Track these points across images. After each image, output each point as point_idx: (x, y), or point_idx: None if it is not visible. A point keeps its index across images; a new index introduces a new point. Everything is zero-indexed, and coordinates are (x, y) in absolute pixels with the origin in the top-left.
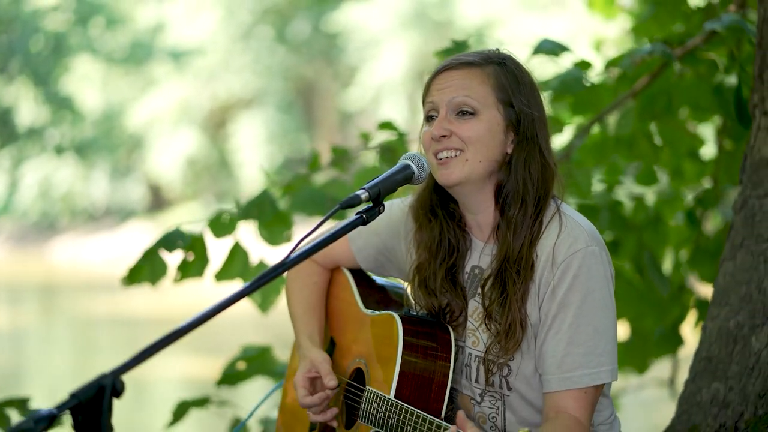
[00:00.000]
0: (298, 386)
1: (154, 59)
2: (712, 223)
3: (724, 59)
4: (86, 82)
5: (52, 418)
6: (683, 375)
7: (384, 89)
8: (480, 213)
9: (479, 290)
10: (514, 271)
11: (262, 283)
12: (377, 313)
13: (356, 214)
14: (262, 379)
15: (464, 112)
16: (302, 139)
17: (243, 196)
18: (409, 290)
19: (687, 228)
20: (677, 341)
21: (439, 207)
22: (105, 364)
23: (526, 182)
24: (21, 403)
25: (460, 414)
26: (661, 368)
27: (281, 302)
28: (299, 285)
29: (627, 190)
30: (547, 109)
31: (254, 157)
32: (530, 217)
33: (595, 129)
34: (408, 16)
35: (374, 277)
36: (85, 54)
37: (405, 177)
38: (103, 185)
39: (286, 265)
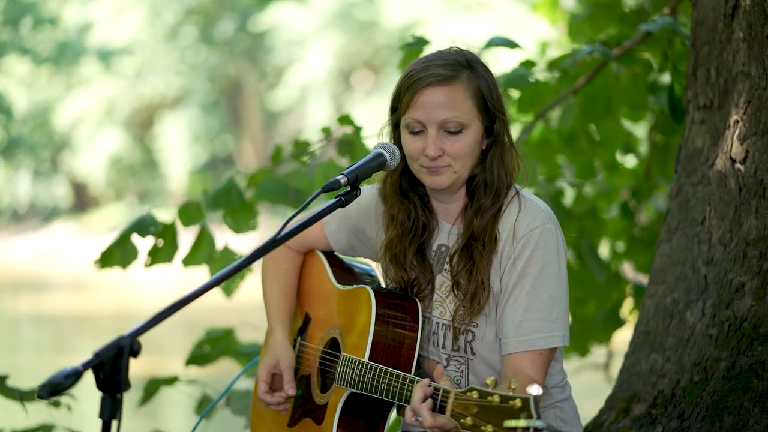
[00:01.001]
0: (260, 380)
1: (80, 59)
2: (645, 215)
3: (658, 59)
4: (14, 81)
5: (78, 375)
6: (617, 363)
7: (309, 89)
8: (451, 203)
9: (446, 266)
10: (479, 244)
11: (256, 257)
12: (351, 287)
13: (336, 197)
14: (229, 360)
15: (452, 131)
16: (227, 138)
17: (169, 197)
18: (379, 267)
19: (622, 220)
20: (617, 323)
21: (410, 190)
22: (29, 362)
23: (500, 174)
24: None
25: (439, 368)
26: (597, 355)
27: (244, 288)
28: (273, 271)
29: (567, 183)
30: None
31: (179, 157)
32: (495, 202)
33: (539, 126)
34: (333, 16)
35: (344, 258)
36: (13, 54)
37: (379, 164)
38: (27, 185)
39: (275, 243)
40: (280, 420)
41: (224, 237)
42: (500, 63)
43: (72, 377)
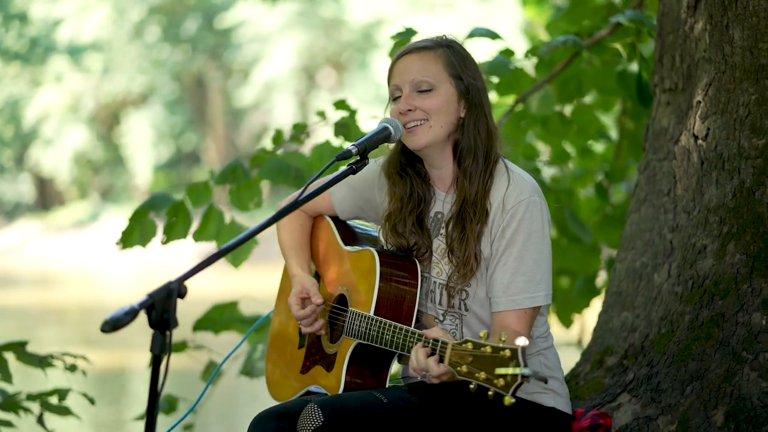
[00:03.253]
0: (292, 304)
1: (47, 56)
2: (616, 197)
3: (626, 49)
4: None
5: (135, 313)
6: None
7: (273, 86)
8: (442, 168)
9: (442, 231)
10: (471, 213)
11: (283, 214)
12: (357, 248)
13: (347, 166)
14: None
15: (423, 90)
16: (191, 136)
17: (133, 194)
18: (381, 233)
19: (596, 199)
20: (593, 293)
21: (408, 166)
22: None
23: (476, 139)
24: (18, 346)
25: (435, 325)
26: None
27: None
28: (289, 228)
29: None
30: None
31: (143, 153)
32: (482, 168)
33: (517, 109)
34: (297, 13)
35: (349, 222)
36: None
37: (384, 137)
38: None
39: (299, 203)
40: (293, 367)
41: (230, 215)
42: (481, 53)
43: (130, 315)
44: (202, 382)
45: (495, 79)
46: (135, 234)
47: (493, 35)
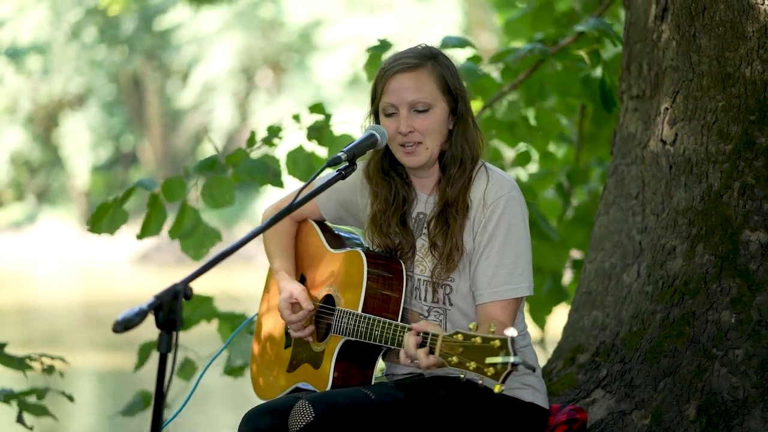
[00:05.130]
0: (282, 309)
1: None
2: (580, 198)
3: (589, 56)
4: None
5: (144, 314)
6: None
7: (212, 87)
8: (427, 177)
9: (424, 230)
10: (453, 211)
11: (278, 219)
12: (344, 250)
13: (336, 171)
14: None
15: (420, 109)
16: (129, 137)
17: (70, 195)
18: (365, 234)
19: (557, 201)
20: (561, 295)
21: (391, 169)
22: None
23: (464, 148)
24: None
25: (422, 322)
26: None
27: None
28: (275, 233)
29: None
30: None
31: (81, 155)
32: (466, 174)
33: (484, 115)
34: (236, 15)
35: (332, 226)
36: None
37: (371, 143)
38: None
39: (294, 207)
40: (280, 366)
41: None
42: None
43: (139, 315)
44: (178, 379)
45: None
46: (105, 219)
47: (464, 43)
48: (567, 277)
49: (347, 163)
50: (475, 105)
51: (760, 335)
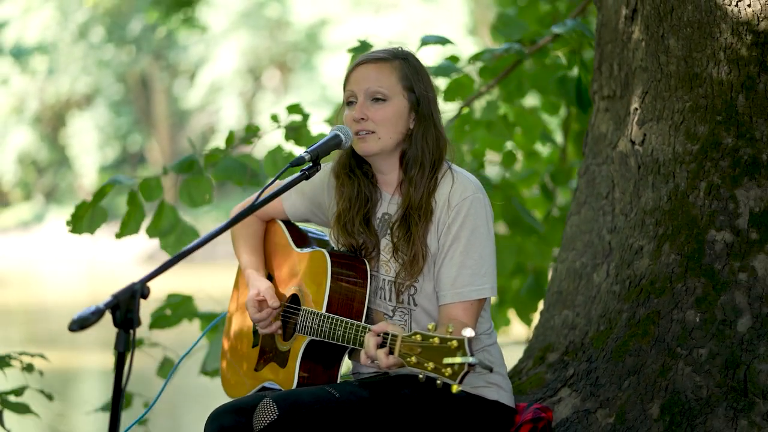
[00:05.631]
0: (249, 306)
1: None
2: (566, 198)
3: (567, 56)
4: None
5: (101, 313)
6: None
7: (219, 87)
8: (388, 173)
9: (389, 231)
10: (416, 216)
11: (238, 219)
12: (309, 250)
13: (300, 172)
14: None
15: (377, 99)
16: (137, 137)
17: (79, 196)
18: (331, 233)
19: (542, 199)
20: (542, 294)
21: (357, 168)
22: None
23: (424, 150)
24: None
25: (382, 323)
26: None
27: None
28: (243, 232)
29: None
30: None
31: (89, 154)
32: (427, 176)
33: (463, 115)
34: (242, 15)
35: (300, 225)
36: None
37: (335, 143)
38: None
39: (255, 207)
40: (248, 365)
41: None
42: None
43: (96, 314)
44: (158, 378)
45: (442, 86)
46: (85, 219)
47: (444, 41)
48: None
49: (311, 164)
50: (454, 105)
51: (724, 334)
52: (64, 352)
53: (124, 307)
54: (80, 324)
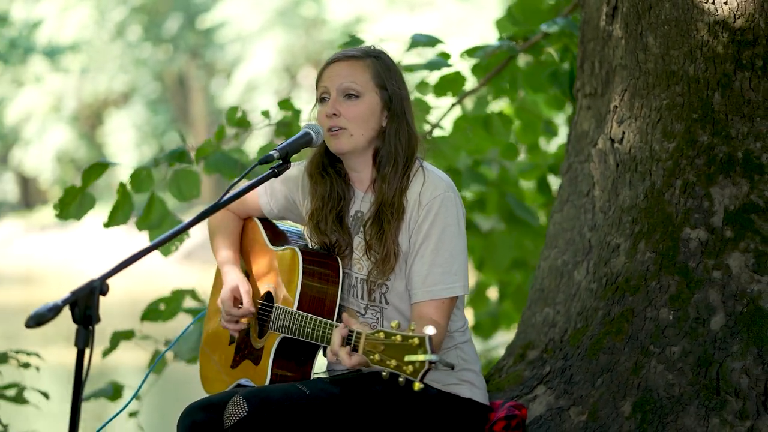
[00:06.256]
0: (225, 300)
1: (29, 56)
2: None
3: (559, 51)
4: None
5: (58, 309)
6: None
7: (255, 85)
8: (361, 171)
9: (362, 229)
10: (388, 213)
11: (202, 218)
12: (282, 248)
13: (269, 169)
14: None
15: (350, 95)
16: (174, 135)
17: (115, 192)
18: (305, 231)
19: (540, 193)
20: None
21: (329, 166)
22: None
23: (397, 147)
24: None
25: (345, 315)
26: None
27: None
28: (220, 228)
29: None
30: (415, 94)
31: (126, 152)
32: (399, 173)
33: (457, 111)
34: (278, 13)
35: (277, 223)
36: None
37: (306, 141)
38: None
39: (220, 205)
40: (224, 362)
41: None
42: (421, 56)
43: (53, 311)
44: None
45: (432, 81)
46: (73, 205)
47: (434, 41)
48: None
49: (280, 161)
50: (446, 101)
51: (697, 332)
52: (99, 349)
53: (82, 304)
54: (36, 320)
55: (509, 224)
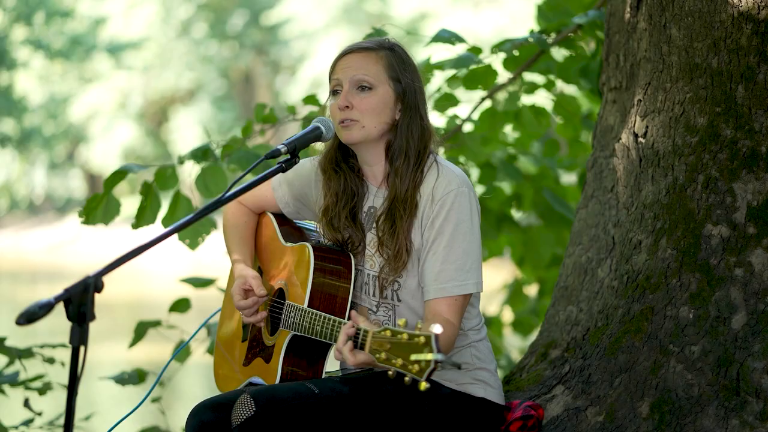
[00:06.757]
0: (235, 294)
1: (94, 53)
2: None
3: (593, 43)
4: (27, 75)
5: (50, 306)
6: None
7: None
8: (374, 165)
9: (374, 225)
10: (401, 208)
11: (207, 211)
12: (294, 244)
13: (277, 164)
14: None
15: (363, 87)
16: (239, 132)
17: (182, 190)
18: (319, 228)
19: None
20: None
21: (343, 161)
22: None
23: (409, 140)
24: None
25: (353, 313)
26: None
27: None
28: (234, 223)
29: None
30: (444, 88)
31: (191, 149)
32: (412, 167)
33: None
34: (343, 10)
35: (294, 219)
36: (27, 48)
37: (315, 136)
38: (42, 177)
39: (222, 201)
40: (238, 360)
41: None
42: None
43: (45, 308)
44: (176, 362)
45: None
46: (98, 210)
47: (456, 39)
48: None
49: (288, 156)
50: (476, 94)
51: (717, 331)
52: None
53: (76, 301)
54: (27, 317)
55: (546, 220)
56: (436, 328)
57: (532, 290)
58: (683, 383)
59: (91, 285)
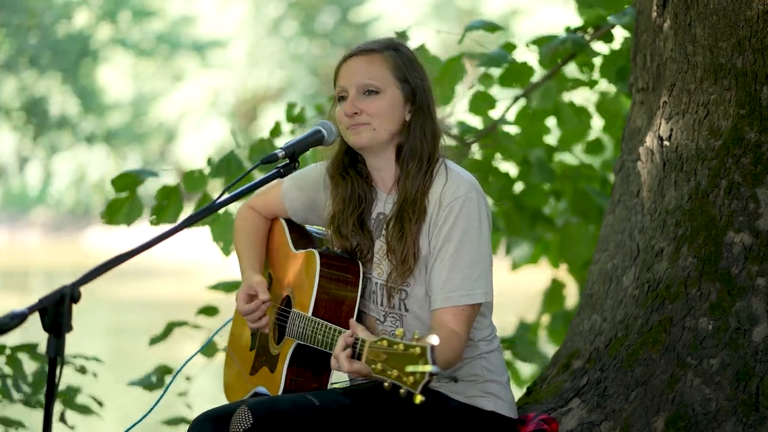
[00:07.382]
0: (239, 299)
1: (182, 51)
2: None
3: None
4: (115, 73)
5: (23, 317)
6: None
7: None
8: (384, 169)
9: (383, 231)
10: (410, 212)
11: (198, 218)
12: (302, 250)
13: (275, 169)
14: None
15: (370, 92)
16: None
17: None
18: (327, 235)
19: None
20: None
21: (350, 167)
22: (134, 345)
23: (422, 142)
24: (31, 348)
25: (352, 321)
26: None
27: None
28: (244, 228)
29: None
30: (478, 87)
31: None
32: (424, 169)
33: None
34: (434, 6)
35: (305, 225)
36: (114, 46)
37: (316, 140)
38: None
39: (215, 206)
40: (245, 368)
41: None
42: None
43: (17, 318)
44: (203, 360)
45: (496, 72)
46: (122, 210)
47: (491, 27)
48: None
49: (287, 161)
50: (512, 92)
51: (737, 344)
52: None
53: (52, 311)
54: None
55: (584, 218)
56: (433, 339)
57: (572, 291)
58: (700, 398)
59: (68, 295)
